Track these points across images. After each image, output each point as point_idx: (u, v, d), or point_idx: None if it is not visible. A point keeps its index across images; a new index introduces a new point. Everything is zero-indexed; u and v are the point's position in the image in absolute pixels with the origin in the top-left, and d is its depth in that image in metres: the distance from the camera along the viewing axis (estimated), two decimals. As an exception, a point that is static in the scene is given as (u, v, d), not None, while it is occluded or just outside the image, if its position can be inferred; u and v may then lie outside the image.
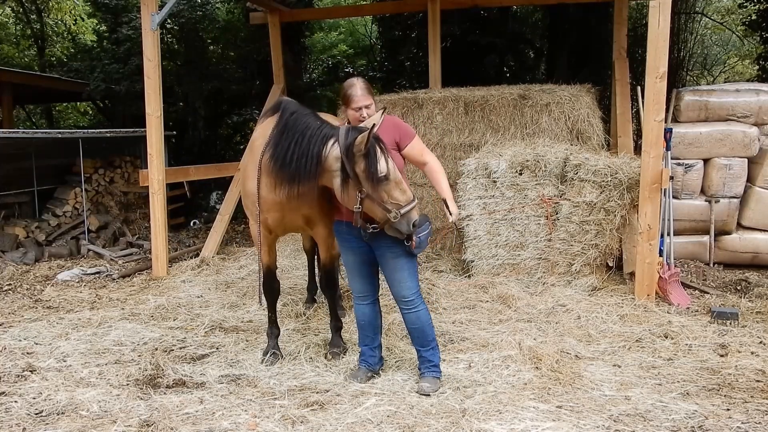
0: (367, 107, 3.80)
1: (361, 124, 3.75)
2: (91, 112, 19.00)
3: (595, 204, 6.04)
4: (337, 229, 4.05)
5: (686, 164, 6.87)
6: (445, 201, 3.89)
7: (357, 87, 3.81)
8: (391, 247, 3.79)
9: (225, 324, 5.30)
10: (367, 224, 3.71)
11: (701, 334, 4.74)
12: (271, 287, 4.56)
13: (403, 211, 3.59)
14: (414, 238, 3.68)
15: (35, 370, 4.26)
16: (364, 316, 4.09)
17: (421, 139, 4.06)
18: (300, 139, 3.71)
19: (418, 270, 6.48)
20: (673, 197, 6.41)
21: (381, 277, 4.09)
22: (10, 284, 6.83)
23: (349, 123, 3.86)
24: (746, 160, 6.84)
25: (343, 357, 4.42)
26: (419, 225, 3.69)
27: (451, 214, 3.84)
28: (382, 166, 3.55)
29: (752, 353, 4.38)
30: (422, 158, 3.94)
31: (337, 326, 4.61)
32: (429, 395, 3.77)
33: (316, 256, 5.98)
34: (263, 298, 4.57)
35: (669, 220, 6.06)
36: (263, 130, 4.08)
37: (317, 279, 5.98)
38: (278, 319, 4.65)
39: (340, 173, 3.63)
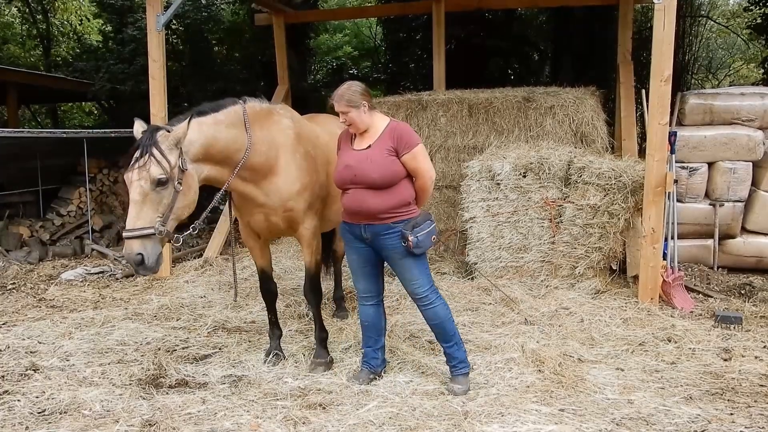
0: (343, 113, 3.80)
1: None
2: (96, 112, 19.08)
3: (598, 207, 6.03)
4: (342, 229, 4.07)
5: (691, 168, 6.84)
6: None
7: (335, 94, 3.83)
8: (394, 248, 3.79)
9: (228, 324, 5.31)
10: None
11: (705, 338, 4.73)
12: (267, 289, 4.55)
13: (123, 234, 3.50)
14: (411, 238, 3.68)
15: (38, 369, 4.28)
16: (368, 317, 4.08)
17: (424, 140, 4.06)
18: None
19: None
20: (678, 201, 6.39)
21: (387, 278, 4.10)
22: (14, 283, 6.85)
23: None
24: (751, 163, 6.82)
25: (326, 371, 4.22)
26: (419, 224, 3.73)
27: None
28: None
29: (756, 357, 4.37)
30: (414, 173, 3.83)
31: (321, 336, 4.41)
32: (459, 395, 3.80)
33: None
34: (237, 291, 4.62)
35: (673, 223, 6.05)
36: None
37: (321, 280, 5.99)
38: (281, 320, 4.66)
39: None
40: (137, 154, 3.48)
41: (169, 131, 3.57)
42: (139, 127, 3.66)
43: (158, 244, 3.52)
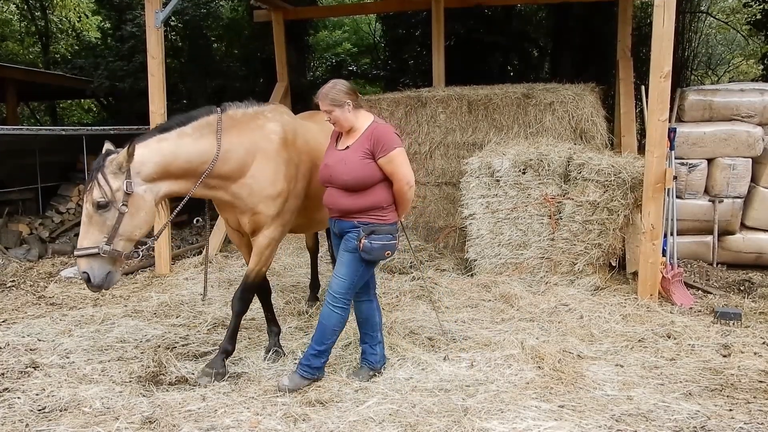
0: (327, 112, 3.81)
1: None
2: (95, 110, 19.06)
3: (598, 203, 6.03)
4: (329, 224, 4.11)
5: (690, 164, 6.85)
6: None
7: (320, 93, 3.83)
8: (347, 241, 3.83)
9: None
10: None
11: (704, 335, 4.74)
12: (259, 287, 4.50)
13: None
14: (363, 241, 3.71)
15: (38, 367, 4.28)
16: (361, 314, 4.10)
17: (423, 137, 4.03)
18: None
19: (420, 272, 6.54)
20: (677, 197, 6.40)
21: (378, 274, 4.09)
22: (13, 281, 6.85)
23: None
24: (750, 160, 6.82)
25: (212, 381, 3.99)
26: (378, 233, 3.74)
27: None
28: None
29: (755, 354, 4.38)
30: (391, 177, 3.79)
31: (226, 348, 4.21)
32: (282, 390, 3.79)
33: (318, 254, 5.98)
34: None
35: (672, 219, 6.05)
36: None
37: (319, 277, 5.99)
38: (281, 318, 4.66)
39: None
40: (89, 177, 3.67)
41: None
42: (105, 149, 3.80)
43: (106, 263, 3.66)
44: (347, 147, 3.83)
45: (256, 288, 4.34)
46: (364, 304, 4.07)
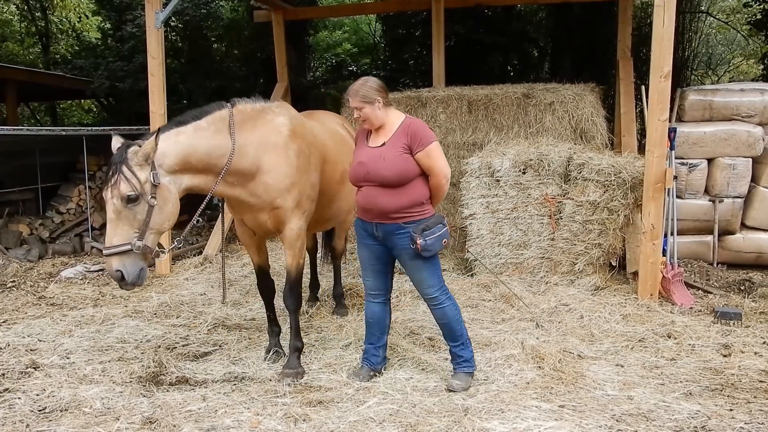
0: (358, 109, 3.79)
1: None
2: (95, 110, 19.07)
3: (598, 203, 6.03)
4: (356, 224, 4.05)
5: (690, 164, 6.84)
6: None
7: (351, 89, 3.82)
8: (404, 248, 3.78)
9: (228, 322, 5.31)
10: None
11: (704, 334, 4.74)
12: (264, 287, 4.54)
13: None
14: (419, 241, 3.66)
15: (39, 367, 4.28)
16: (374, 315, 4.07)
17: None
18: None
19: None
20: (677, 197, 6.40)
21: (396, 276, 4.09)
22: (14, 281, 6.85)
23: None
24: (750, 159, 6.82)
25: (295, 382, 4.00)
26: (430, 227, 3.71)
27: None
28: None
29: (755, 353, 4.38)
30: (428, 171, 3.77)
31: (296, 346, 4.24)
32: (455, 391, 3.80)
33: (317, 254, 5.98)
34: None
35: (673, 219, 6.05)
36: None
37: (319, 277, 6.00)
38: (281, 318, 4.66)
39: None
40: (110, 172, 3.54)
41: (140, 146, 3.57)
42: (116, 144, 3.68)
43: (138, 259, 3.57)
44: (383, 144, 3.78)
45: (301, 280, 4.35)
46: (378, 305, 4.06)
